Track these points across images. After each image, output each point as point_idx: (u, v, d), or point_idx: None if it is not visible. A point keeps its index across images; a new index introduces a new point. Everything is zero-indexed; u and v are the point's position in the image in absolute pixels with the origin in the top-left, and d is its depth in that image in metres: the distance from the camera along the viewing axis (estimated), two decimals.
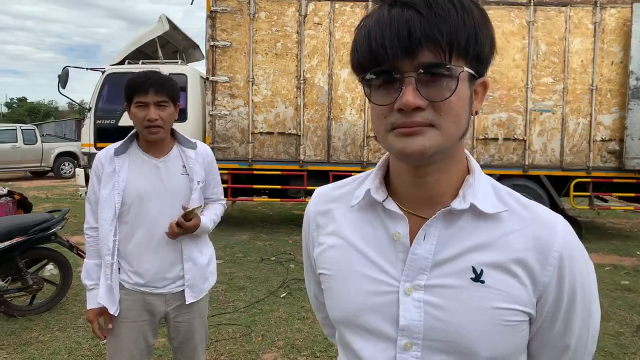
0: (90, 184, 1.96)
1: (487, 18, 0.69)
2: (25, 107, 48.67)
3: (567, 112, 6.90)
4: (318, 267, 0.86)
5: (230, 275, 5.16)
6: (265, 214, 9.34)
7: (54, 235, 4.05)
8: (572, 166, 6.98)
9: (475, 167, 0.77)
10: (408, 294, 0.72)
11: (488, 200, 0.74)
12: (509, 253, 0.71)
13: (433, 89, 0.65)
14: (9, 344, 3.45)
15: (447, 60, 0.64)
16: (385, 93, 0.67)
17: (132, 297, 1.93)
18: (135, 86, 1.85)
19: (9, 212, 5.55)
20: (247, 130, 7.02)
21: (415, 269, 0.73)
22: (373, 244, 0.78)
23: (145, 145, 1.94)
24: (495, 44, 0.71)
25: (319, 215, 0.88)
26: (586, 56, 6.85)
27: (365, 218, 0.80)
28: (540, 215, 0.75)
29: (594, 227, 8.40)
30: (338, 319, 0.81)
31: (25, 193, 10.17)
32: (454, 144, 0.71)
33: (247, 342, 3.54)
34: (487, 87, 0.75)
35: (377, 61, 0.66)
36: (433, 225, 0.73)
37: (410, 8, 0.64)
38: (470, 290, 0.71)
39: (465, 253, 0.72)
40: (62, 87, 7.50)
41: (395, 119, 0.66)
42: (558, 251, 0.71)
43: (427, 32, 0.63)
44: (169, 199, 1.92)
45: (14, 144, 14.37)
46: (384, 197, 0.78)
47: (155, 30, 7.69)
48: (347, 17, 6.90)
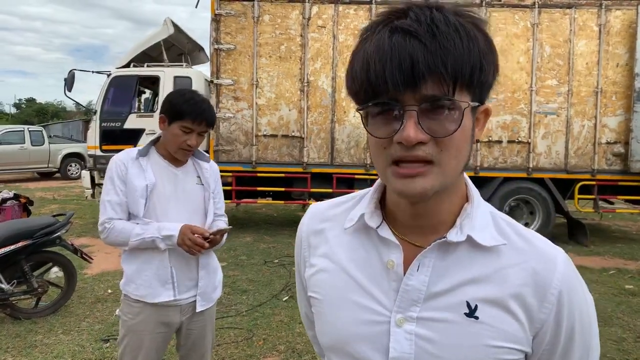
0: (111, 185, 1.93)
1: (492, 44, 0.66)
2: (34, 107, 49.07)
3: (572, 115, 6.86)
4: (309, 289, 0.84)
5: (234, 278, 5.19)
6: (270, 216, 9.37)
7: (59, 239, 4.10)
8: (577, 169, 6.94)
9: (474, 195, 0.75)
10: (399, 325, 0.71)
11: (486, 232, 0.71)
12: (505, 288, 0.69)
13: (435, 122, 0.63)
14: (14, 347, 3.50)
15: (451, 92, 0.62)
16: (385, 123, 0.64)
17: (149, 310, 1.96)
18: (188, 113, 1.88)
19: (15, 215, 5.61)
20: (251, 133, 7.05)
21: (407, 300, 0.71)
22: (366, 270, 0.75)
23: (165, 154, 1.99)
24: (498, 69, 0.68)
25: (311, 234, 0.86)
26: (591, 58, 6.82)
27: (359, 242, 0.78)
28: (539, 249, 0.72)
29: (599, 230, 8.35)
30: (327, 346, 0.80)
31: (32, 194, 10.29)
32: (454, 180, 0.69)
33: (248, 346, 3.56)
34: (490, 113, 0.72)
35: (375, 93, 0.63)
36: (428, 255, 0.71)
37: (413, 37, 0.60)
38: (464, 325, 0.69)
39: (460, 286, 0.70)
40: (69, 90, 7.56)
41: (395, 151, 0.64)
42: (557, 288, 0.69)
43: (431, 66, 0.59)
44: (186, 205, 1.99)
45: (22, 145, 14.50)
46: (378, 224, 0.75)
47: (160, 33, 7.74)
48: (351, 20, 6.91)
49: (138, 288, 1.94)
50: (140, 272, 1.94)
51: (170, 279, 1.94)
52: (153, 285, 1.93)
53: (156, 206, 1.93)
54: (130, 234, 1.89)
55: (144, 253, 1.94)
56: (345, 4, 6.89)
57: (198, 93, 1.97)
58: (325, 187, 7.18)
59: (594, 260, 6.31)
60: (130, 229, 1.90)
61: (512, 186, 7.05)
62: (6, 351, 3.43)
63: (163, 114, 1.93)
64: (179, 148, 1.92)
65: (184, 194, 1.99)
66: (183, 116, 1.88)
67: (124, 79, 7.66)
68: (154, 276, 1.93)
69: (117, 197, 1.92)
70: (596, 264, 6.13)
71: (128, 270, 1.98)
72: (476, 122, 0.70)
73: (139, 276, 1.94)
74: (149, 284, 1.93)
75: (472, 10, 0.67)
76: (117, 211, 1.92)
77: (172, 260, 1.95)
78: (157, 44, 7.75)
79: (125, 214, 1.94)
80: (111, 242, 1.94)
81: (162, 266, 1.93)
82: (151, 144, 2.01)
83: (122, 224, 1.92)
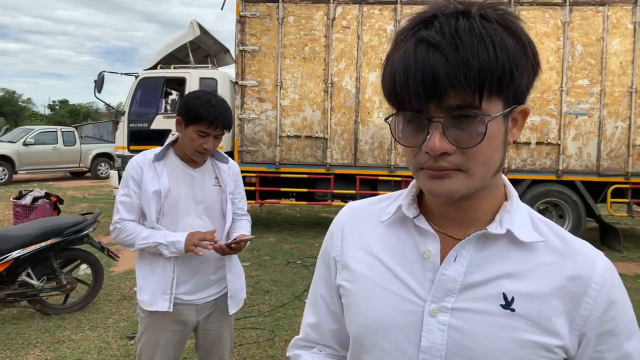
0: (126, 187, 1.96)
1: (527, 45, 0.64)
2: (67, 109, 50.63)
3: (604, 116, 6.64)
4: (339, 277, 0.84)
5: (257, 279, 5.21)
6: (293, 216, 9.39)
7: (87, 237, 4.20)
8: (610, 171, 6.71)
9: (513, 194, 0.75)
10: (433, 315, 0.70)
11: (525, 228, 0.72)
12: (544, 284, 0.68)
13: (461, 132, 0.63)
14: (42, 342, 3.59)
15: (478, 102, 0.62)
16: (413, 132, 0.66)
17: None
18: (204, 117, 1.87)
19: (45, 213, 5.78)
20: (275, 134, 7.08)
21: (443, 290, 0.71)
22: (400, 260, 0.76)
23: (183, 155, 2.00)
24: (538, 68, 0.67)
25: (347, 225, 0.86)
26: (625, 57, 6.58)
27: (395, 234, 0.79)
28: (578, 249, 0.71)
29: (633, 235, 8.06)
30: (356, 334, 0.79)
31: (64, 193, 10.58)
32: (486, 183, 0.69)
33: (270, 346, 3.56)
34: (528, 113, 0.71)
35: (402, 104, 0.66)
36: (466, 247, 0.71)
37: (436, 50, 0.61)
38: (499, 317, 0.68)
39: (496, 279, 0.69)
40: (98, 92, 7.76)
41: (424, 159, 0.66)
42: (598, 283, 0.68)
43: (452, 80, 0.60)
44: (203, 207, 1.99)
45: (55, 145, 14.96)
46: (415, 214, 0.76)
47: (186, 35, 7.86)
48: (376, 20, 6.86)
49: (142, 293, 1.97)
50: (145, 279, 1.97)
51: (169, 289, 1.93)
52: (153, 292, 1.94)
53: (171, 211, 1.94)
54: (137, 237, 1.91)
55: (152, 261, 1.96)
56: (369, 4, 6.84)
57: (215, 95, 1.96)
58: (349, 188, 7.15)
59: (628, 267, 6.08)
60: (138, 232, 1.91)
61: (541, 189, 6.86)
62: (35, 346, 3.53)
63: (180, 116, 1.93)
64: (195, 151, 1.92)
65: (202, 196, 1.99)
66: (199, 120, 1.87)
67: (151, 81, 7.81)
68: (156, 284, 1.94)
69: (129, 198, 1.94)
70: (630, 270, 5.91)
71: (138, 277, 2.02)
72: (513, 123, 0.69)
73: (145, 282, 1.97)
74: (151, 291, 1.95)
75: (504, 10, 0.65)
76: (130, 212, 1.95)
77: (180, 267, 1.95)
78: (184, 46, 7.87)
79: (137, 216, 1.97)
80: (120, 242, 1.98)
81: (164, 275, 1.94)
82: (169, 145, 2.02)
83: (133, 226, 1.94)
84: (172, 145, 2.03)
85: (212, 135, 1.91)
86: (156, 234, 1.90)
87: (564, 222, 6.92)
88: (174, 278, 1.94)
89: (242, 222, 2.17)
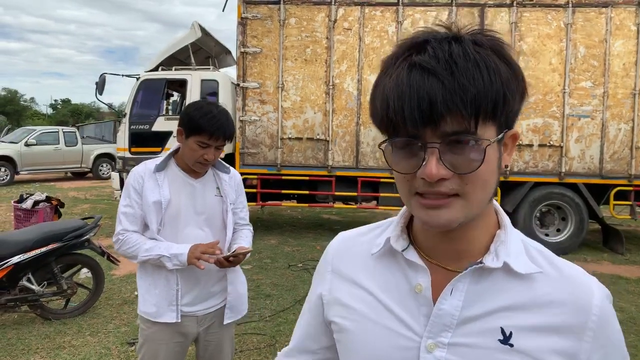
0: (127, 197, 1.94)
1: (517, 70, 0.64)
2: (69, 108, 50.63)
3: (607, 118, 6.60)
4: (330, 314, 0.82)
5: (258, 282, 5.20)
6: (294, 217, 9.38)
7: (87, 242, 4.19)
8: (613, 174, 6.68)
9: (506, 222, 0.74)
10: (430, 351, 0.69)
11: (521, 259, 0.70)
12: (541, 316, 0.67)
13: (458, 157, 0.62)
14: (42, 348, 3.58)
15: (473, 127, 0.61)
16: (407, 158, 0.64)
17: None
18: (205, 128, 1.85)
19: (46, 217, 5.77)
20: (276, 136, 7.06)
21: (439, 325, 0.69)
22: (394, 294, 0.74)
23: (184, 165, 1.98)
24: (526, 93, 0.67)
25: (337, 258, 0.85)
26: (629, 59, 6.54)
27: (386, 267, 0.77)
28: (573, 277, 0.70)
29: (636, 237, 8.02)
30: None
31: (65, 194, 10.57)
32: (482, 209, 0.68)
33: (271, 352, 3.55)
34: (517, 138, 0.70)
35: (396, 129, 0.64)
36: (462, 280, 0.70)
37: (431, 75, 0.59)
38: (497, 352, 0.66)
39: (494, 312, 0.68)
40: (100, 93, 7.76)
41: (419, 185, 0.64)
42: (597, 314, 0.67)
43: (449, 105, 0.59)
44: (204, 217, 1.98)
45: (57, 146, 14.97)
46: (404, 247, 0.75)
47: (188, 37, 7.84)
48: (377, 22, 6.83)
49: (145, 305, 1.96)
50: (149, 291, 1.96)
51: (175, 300, 1.92)
52: (159, 304, 1.93)
53: (172, 222, 1.93)
54: (140, 249, 1.89)
55: (153, 272, 1.95)
56: (371, 5, 6.82)
57: (217, 105, 1.94)
58: (350, 190, 7.13)
59: (631, 270, 6.05)
60: (141, 244, 1.90)
61: (543, 191, 6.83)
62: (35, 352, 3.52)
63: (181, 127, 1.92)
64: (196, 162, 1.91)
65: (202, 206, 1.98)
66: (200, 131, 1.85)
67: (152, 83, 7.80)
68: (161, 296, 1.93)
69: (132, 209, 1.93)
70: (632, 273, 5.87)
71: (140, 288, 2.00)
72: (504, 148, 0.68)
73: (149, 294, 1.95)
74: (156, 303, 1.93)
75: (493, 35, 0.65)
76: (132, 223, 1.93)
77: (182, 279, 1.93)
78: (185, 47, 7.85)
79: (140, 226, 1.95)
80: (123, 254, 1.96)
81: (169, 287, 1.93)
82: (170, 156, 2.00)
83: (135, 237, 1.92)
84: (174, 156, 2.01)
85: (213, 147, 1.90)
86: (159, 246, 1.88)
87: (566, 224, 6.90)
88: (178, 290, 1.93)
89: (243, 232, 2.15)
